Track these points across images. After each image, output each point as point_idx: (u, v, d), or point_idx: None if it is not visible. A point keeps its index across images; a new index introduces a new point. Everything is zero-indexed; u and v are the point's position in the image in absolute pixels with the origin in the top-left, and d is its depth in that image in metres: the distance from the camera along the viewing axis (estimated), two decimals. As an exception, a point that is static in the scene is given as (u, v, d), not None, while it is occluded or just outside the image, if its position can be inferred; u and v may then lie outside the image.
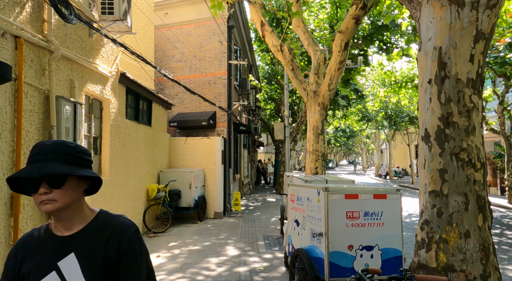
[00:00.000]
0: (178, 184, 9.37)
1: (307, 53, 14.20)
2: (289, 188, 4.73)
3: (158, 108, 9.63)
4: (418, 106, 2.75)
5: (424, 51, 2.67)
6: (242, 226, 9.19)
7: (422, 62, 2.69)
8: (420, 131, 2.67)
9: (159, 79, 12.41)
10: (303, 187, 4.26)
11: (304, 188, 4.21)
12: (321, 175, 7.03)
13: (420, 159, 2.62)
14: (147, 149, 8.42)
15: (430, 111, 2.54)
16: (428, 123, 2.55)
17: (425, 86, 2.63)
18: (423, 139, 2.60)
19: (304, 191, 4.20)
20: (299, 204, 4.34)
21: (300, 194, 4.33)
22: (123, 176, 6.71)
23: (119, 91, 6.62)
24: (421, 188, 2.62)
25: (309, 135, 7.72)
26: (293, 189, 4.58)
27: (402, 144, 37.97)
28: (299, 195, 4.37)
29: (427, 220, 2.43)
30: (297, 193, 4.44)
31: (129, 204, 7.02)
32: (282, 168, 17.76)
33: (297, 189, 4.44)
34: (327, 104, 7.68)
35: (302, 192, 4.27)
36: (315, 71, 8.09)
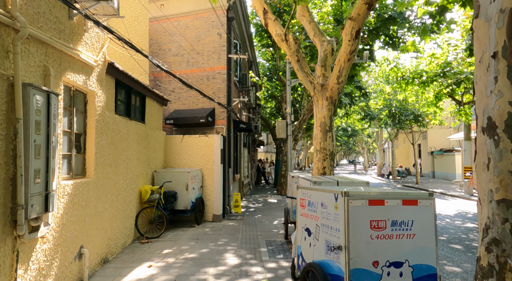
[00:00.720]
0: (174, 185, 8.75)
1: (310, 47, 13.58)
2: (299, 191, 4.10)
3: (153, 104, 8.99)
4: (474, 90, 2.12)
5: (485, 16, 2.04)
6: (243, 230, 8.56)
7: (481, 32, 2.06)
8: (479, 121, 2.05)
9: (154, 74, 11.79)
10: (316, 190, 3.63)
11: (318, 191, 3.59)
12: (330, 176, 6.41)
13: (480, 157, 2.00)
14: (140, 147, 7.79)
15: (497, 94, 1.91)
16: (493, 110, 1.93)
17: (486, 63, 2.00)
18: (485, 131, 1.97)
19: (317, 195, 3.58)
20: (311, 210, 3.71)
21: (312, 198, 3.70)
22: (112, 176, 6.08)
23: (107, 84, 5.99)
24: (482, 195, 1.99)
25: (316, 132, 7.09)
26: (304, 192, 3.95)
27: (405, 143, 37.40)
28: (310, 199, 3.74)
29: (496, 239, 1.81)
30: (308, 197, 3.81)
31: (118, 207, 6.39)
32: (284, 167, 17.14)
33: (309, 193, 3.81)
34: (336, 98, 7.06)
35: (315, 196, 3.64)
36: (322, 63, 7.46)
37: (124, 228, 6.69)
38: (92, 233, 5.26)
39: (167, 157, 10.02)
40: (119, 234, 6.44)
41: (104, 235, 5.70)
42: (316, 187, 3.70)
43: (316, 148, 7.10)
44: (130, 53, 6.82)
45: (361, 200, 3.03)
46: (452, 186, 21.78)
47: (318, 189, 3.60)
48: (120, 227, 6.50)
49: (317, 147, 7.07)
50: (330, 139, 7.00)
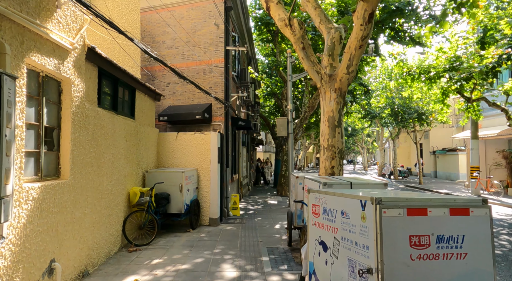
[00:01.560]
0: (167, 186, 8.02)
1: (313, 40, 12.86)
2: (310, 195, 3.39)
3: (144, 99, 8.26)
4: None
5: None
6: (242, 235, 7.85)
7: None
8: None
9: (147, 68, 11.06)
10: (334, 195, 2.92)
11: (336, 197, 2.88)
12: (340, 177, 5.71)
13: None
14: (129, 145, 7.06)
15: None
16: None
17: None
18: None
19: (336, 201, 2.87)
20: (327, 219, 3.00)
21: (328, 205, 2.99)
22: (93, 177, 5.35)
23: (87, 72, 5.26)
24: None
25: (324, 128, 6.39)
26: (317, 197, 3.24)
27: (406, 142, 36.77)
28: (326, 206, 3.03)
29: None
30: (323, 204, 3.10)
31: (101, 212, 5.66)
32: (284, 167, 16.43)
33: (323, 198, 3.10)
34: (345, 90, 6.35)
35: (332, 202, 2.93)
36: (330, 52, 6.75)
37: (108, 235, 5.96)
38: (68, 244, 4.53)
39: (160, 156, 9.29)
40: (103, 243, 5.71)
41: (83, 245, 4.98)
42: (333, 191, 2.98)
43: (323, 145, 6.39)
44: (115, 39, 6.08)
45: (398, 208, 2.33)
46: (457, 186, 21.15)
47: (337, 193, 2.89)
48: (104, 234, 5.77)
49: (324, 144, 6.36)
50: (339, 135, 6.29)
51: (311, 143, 45.81)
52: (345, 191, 3.03)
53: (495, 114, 18.41)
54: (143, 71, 11.09)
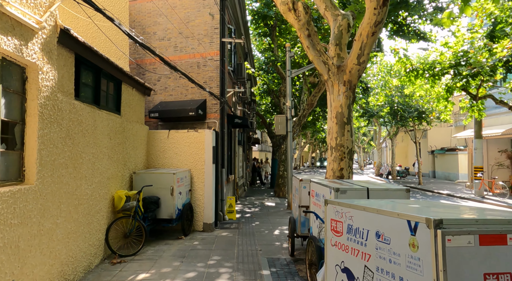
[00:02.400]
0: (157, 189, 7.31)
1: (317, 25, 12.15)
2: (329, 208, 2.72)
3: (131, 93, 7.52)
4: None
5: None
6: (239, 243, 7.16)
7: None
8: None
9: (137, 61, 10.31)
10: (365, 210, 2.24)
11: (368, 212, 2.19)
12: (353, 181, 5.04)
13: None
14: (113, 143, 6.33)
15: None
16: None
17: None
18: None
19: (367, 218, 2.19)
20: (354, 240, 2.33)
21: (356, 222, 2.31)
22: (68, 181, 4.62)
23: (60, 58, 4.53)
24: None
25: (331, 125, 5.72)
26: (338, 210, 2.56)
27: (403, 142, 36.32)
28: (352, 223, 2.35)
29: None
30: (347, 220, 2.43)
31: (79, 221, 4.93)
32: (282, 167, 15.76)
33: (349, 212, 2.42)
34: (356, 83, 5.69)
35: (361, 219, 2.26)
36: (337, 42, 6.08)
37: (88, 246, 5.23)
38: (33, 261, 3.81)
39: (150, 156, 8.56)
40: (81, 255, 4.98)
41: (54, 260, 4.25)
42: (363, 204, 2.30)
43: (330, 145, 5.72)
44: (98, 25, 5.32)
45: (467, 235, 1.65)
46: (457, 186, 20.67)
47: (369, 208, 2.20)
48: (82, 245, 5.04)
49: (332, 144, 5.69)
50: (348, 134, 5.63)
51: (307, 142, 45.25)
52: (382, 204, 2.35)
53: (498, 113, 17.91)
54: (133, 65, 10.34)
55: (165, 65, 9.99)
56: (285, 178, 15.78)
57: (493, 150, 18.97)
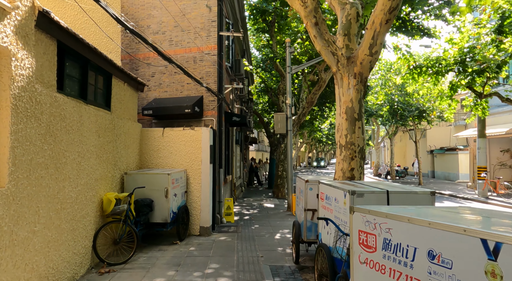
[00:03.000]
0: (150, 191, 6.80)
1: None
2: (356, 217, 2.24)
3: (123, 88, 7.01)
4: None
5: None
6: (238, 248, 6.67)
7: None
8: None
9: (130, 56, 9.78)
10: (409, 221, 1.76)
11: (416, 225, 1.72)
12: (367, 182, 4.57)
13: None
14: (103, 141, 5.81)
15: None
16: None
17: None
18: None
19: (416, 232, 1.72)
20: (394, 259, 1.85)
21: (396, 236, 1.84)
22: (49, 183, 4.11)
23: (40, 45, 4.01)
24: None
25: (341, 121, 5.25)
26: (369, 220, 2.09)
27: (402, 142, 36.03)
28: (392, 238, 1.88)
29: None
30: (383, 233, 1.95)
31: (62, 227, 4.41)
32: (281, 167, 15.29)
33: (385, 224, 1.94)
34: (367, 75, 5.23)
35: (405, 233, 1.78)
36: (345, 32, 5.63)
37: (72, 255, 4.72)
38: (4, 277, 3.30)
39: (143, 155, 8.05)
40: (63, 266, 4.47)
41: (31, 274, 3.74)
42: (408, 215, 1.82)
43: (340, 143, 5.25)
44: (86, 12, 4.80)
45: None
46: (458, 187, 20.33)
47: (415, 219, 1.72)
48: (65, 254, 4.53)
49: (341, 142, 5.23)
50: (359, 130, 5.17)
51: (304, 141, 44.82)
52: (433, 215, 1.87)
53: (501, 112, 17.59)
54: (126, 60, 9.81)
55: (159, 61, 9.49)
56: (284, 178, 15.32)
57: (495, 149, 18.65)
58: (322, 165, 52.09)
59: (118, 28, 8.35)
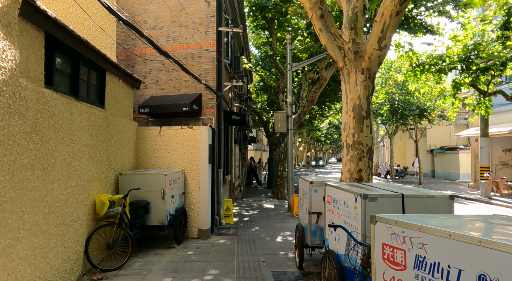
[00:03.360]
0: (146, 192, 6.50)
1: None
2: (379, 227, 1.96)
3: (118, 84, 6.70)
4: None
5: None
6: (238, 252, 6.39)
7: None
8: None
9: (126, 53, 9.46)
10: (451, 237, 1.47)
11: (462, 243, 1.42)
12: (377, 184, 4.29)
13: None
14: (96, 141, 5.51)
15: None
16: None
17: None
18: None
19: (460, 251, 1.43)
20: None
21: (433, 254, 1.56)
22: (35, 185, 3.80)
23: (24, 36, 3.70)
24: None
25: (348, 119, 4.97)
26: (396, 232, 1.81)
27: (401, 141, 35.84)
28: (427, 255, 1.58)
29: None
30: (415, 248, 1.66)
31: (50, 232, 4.11)
32: (281, 167, 15.00)
33: (418, 238, 1.66)
34: (375, 71, 4.95)
35: (445, 250, 1.50)
36: (351, 25, 5.34)
37: (62, 261, 4.41)
38: (-17, 289, 3.00)
39: (140, 155, 7.74)
40: (51, 274, 4.16)
41: (15, 284, 3.44)
42: (447, 228, 1.53)
43: (346, 142, 4.97)
44: None
45: None
46: (459, 186, 20.12)
47: (460, 235, 1.44)
48: (54, 262, 4.22)
49: (348, 141, 4.94)
50: (367, 129, 4.88)
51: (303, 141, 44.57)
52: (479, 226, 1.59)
53: (503, 111, 17.37)
54: (121, 56, 9.50)
55: (156, 57, 9.18)
56: (284, 178, 15.04)
57: (497, 148, 18.44)
58: (320, 164, 51.89)
59: (113, 23, 8.03)
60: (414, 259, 1.67)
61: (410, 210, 3.30)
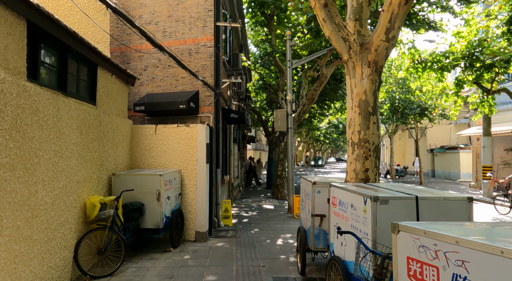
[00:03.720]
0: (140, 193, 6.20)
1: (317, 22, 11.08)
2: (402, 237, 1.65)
3: (111, 80, 6.38)
4: None
5: None
6: (237, 257, 6.09)
7: None
8: None
9: (120, 49, 9.15)
10: (504, 255, 1.16)
11: None
12: (384, 184, 4.00)
13: None
14: (86, 139, 5.20)
15: None
16: None
17: None
18: None
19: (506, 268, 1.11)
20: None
21: (477, 275, 1.24)
22: (16, 187, 3.49)
23: (1, 23, 3.39)
24: None
25: (353, 116, 4.67)
26: (425, 244, 1.53)
27: (401, 140, 35.62)
28: (469, 276, 1.28)
29: None
30: (452, 266, 1.36)
31: (33, 238, 3.80)
32: (280, 167, 14.71)
33: (456, 254, 1.36)
34: (383, 64, 4.65)
35: (495, 273, 1.18)
36: (356, 16, 5.05)
37: (47, 269, 4.11)
38: (-48, 303, 2.70)
39: (134, 154, 7.43)
40: (36, 282, 3.86)
41: (-9, 296, 3.14)
42: (496, 243, 1.23)
43: (352, 140, 4.67)
44: None
45: None
46: (460, 186, 19.87)
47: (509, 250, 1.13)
48: (38, 269, 3.91)
49: (353, 139, 4.65)
50: (374, 126, 4.59)
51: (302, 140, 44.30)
52: None
53: (506, 109, 17.11)
54: (116, 52, 9.18)
55: (152, 54, 8.87)
56: (284, 178, 14.75)
57: (499, 148, 18.19)
58: (320, 164, 51.63)
59: (107, 17, 7.71)
60: (452, 278, 1.37)
61: (425, 214, 3.01)
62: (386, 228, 2.96)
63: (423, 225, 1.65)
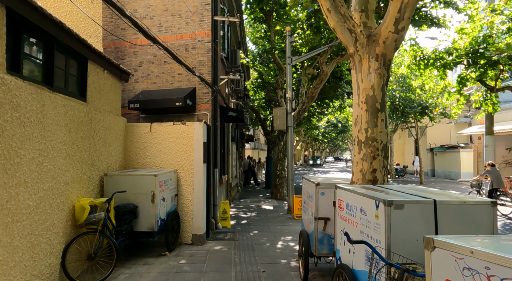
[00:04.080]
0: (134, 195, 5.89)
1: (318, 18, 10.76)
2: (439, 254, 1.36)
3: (103, 76, 6.06)
4: None
5: None
6: (236, 261, 5.79)
7: None
8: None
9: (115, 44, 8.83)
10: None
11: None
12: (394, 186, 3.71)
13: None
14: (75, 137, 4.88)
15: None
16: None
17: None
18: None
19: None
20: None
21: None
22: (-7, 190, 3.18)
23: (-21, 10, 3.08)
24: None
25: (360, 113, 4.38)
26: (471, 266, 1.24)
27: (400, 140, 35.40)
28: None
29: None
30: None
31: (14, 245, 3.49)
32: (279, 166, 14.41)
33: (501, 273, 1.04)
34: (391, 57, 4.36)
35: None
36: (362, 7, 4.76)
37: (31, 277, 3.79)
38: None
39: (128, 154, 7.12)
40: (17, 293, 3.55)
41: (-37, 311, 2.82)
42: None
43: (358, 139, 4.38)
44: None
45: None
46: (461, 186, 19.64)
47: None
48: (20, 278, 3.60)
49: (360, 137, 4.35)
50: (382, 124, 4.29)
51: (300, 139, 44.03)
52: None
53: (508, 108, 16.88)
54: (110, 48, 8.86)
55: (147, 49, 8.55)
56: (283, 178, 14.46)
57: (500, 147, 17.95)
58: (318, 163, 51.43)
59: (99, 11, 7.39)
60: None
61: (444, 220, 2.72)
62: (401, 235, 2.68)
63: (465, 240, 1.36)
